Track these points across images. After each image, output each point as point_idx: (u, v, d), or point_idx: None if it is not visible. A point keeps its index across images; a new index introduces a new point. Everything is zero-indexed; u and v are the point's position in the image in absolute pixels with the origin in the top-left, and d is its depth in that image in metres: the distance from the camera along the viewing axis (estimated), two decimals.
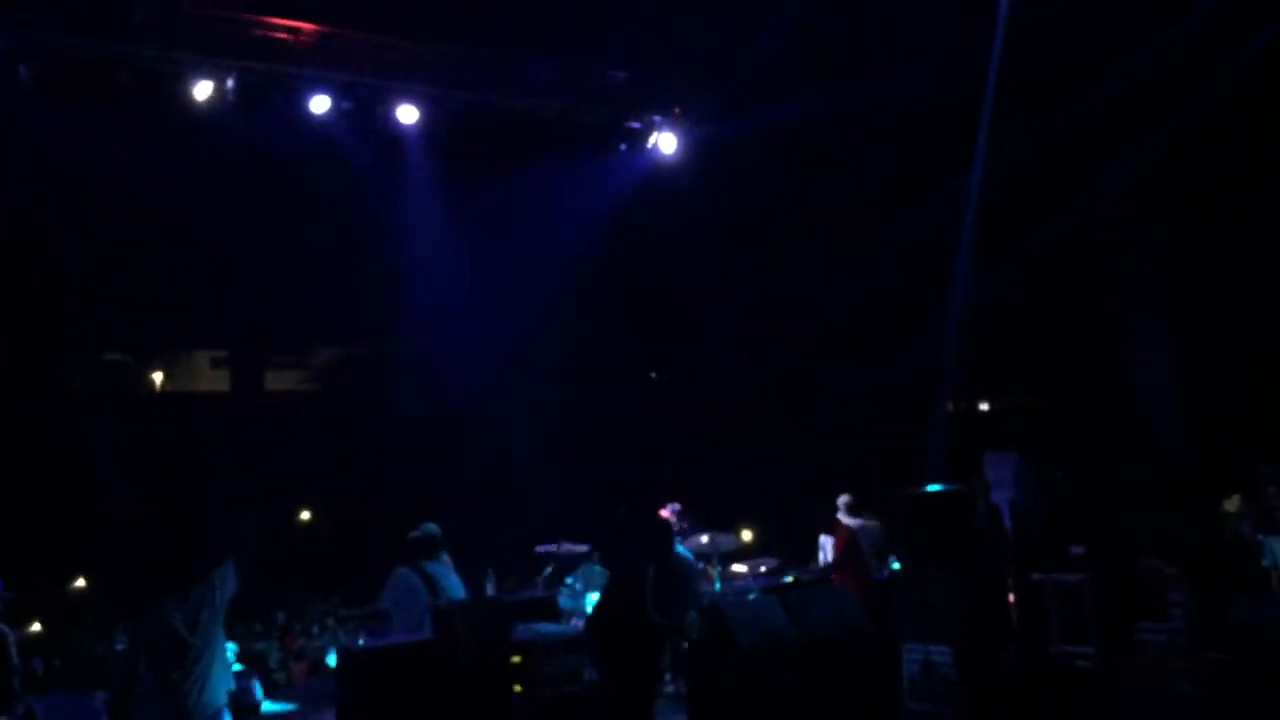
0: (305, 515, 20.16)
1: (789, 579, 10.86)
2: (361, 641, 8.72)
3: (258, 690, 10.74)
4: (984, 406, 18.95)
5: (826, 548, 11.60)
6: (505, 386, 17.61)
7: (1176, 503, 12.47)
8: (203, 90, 11.08)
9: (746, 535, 13.24)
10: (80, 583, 17.42)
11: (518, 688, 8.09)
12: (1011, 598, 10.21)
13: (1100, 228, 14.84)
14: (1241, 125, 12.75)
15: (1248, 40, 12.17)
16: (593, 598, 10.57)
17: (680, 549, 9.35)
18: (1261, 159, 12.91)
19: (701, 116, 13.62)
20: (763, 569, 11.27)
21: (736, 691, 7.65)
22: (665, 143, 13.52)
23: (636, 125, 13.51)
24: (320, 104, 11.66)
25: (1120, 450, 13.82)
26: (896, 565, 11.53)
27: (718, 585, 11.05)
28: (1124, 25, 12.45)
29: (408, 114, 12.11)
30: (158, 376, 24.36)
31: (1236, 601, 8.60)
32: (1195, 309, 14.11)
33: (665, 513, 11.36)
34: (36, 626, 15.06)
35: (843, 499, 11.72)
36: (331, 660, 11.12)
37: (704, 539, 11.07)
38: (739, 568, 11.53)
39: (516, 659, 8.11)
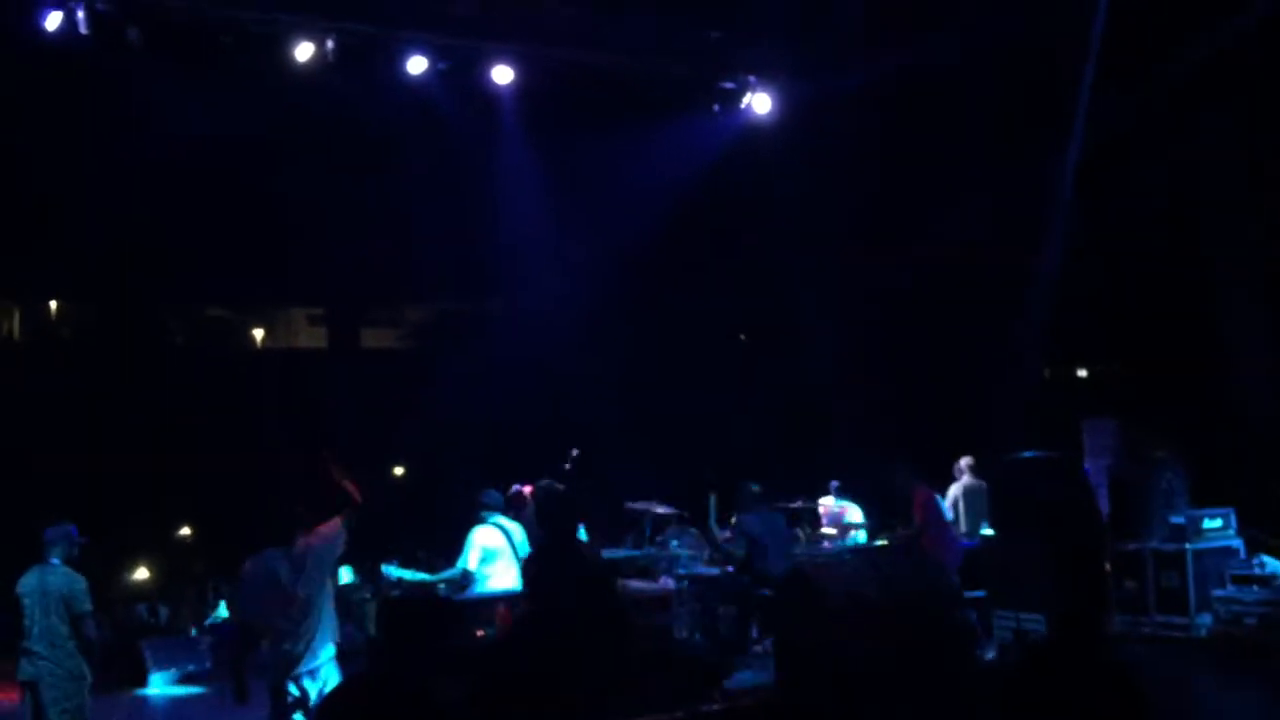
0: (399, 471, 20.59)
1: (880, 542, 10.82)
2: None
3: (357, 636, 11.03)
4: (1082, 373, 18.57)
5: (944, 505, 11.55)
6: (595, 345, 17.72)
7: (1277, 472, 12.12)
8: (303, 51, 11.28)
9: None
10: (185, 531, 18.05)
11: None
12: (1108, 567, 10.05)
13: (1198, 189, 14.35)
14: None
15: None
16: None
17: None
18: None
19: (795, 76, 13.44)
20: (852, 531, 11.24)
21: (822, 651, 7.66)
22: (759, 103, 13.39)
23: (730, 85, 13.40)
24: (417, 64, 11.78)
25: (1221, 419, 13.45)
26: (988, 530, 11.43)
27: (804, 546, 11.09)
28: None
29: (503, 74, 12.18)
30: (258, 333, 24.99)
31: None
32: None
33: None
34: (144, 573, 15.69)
35: (964, 460, 11.88)
36: None
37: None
38: (828, 530, 11.52)
39: None
